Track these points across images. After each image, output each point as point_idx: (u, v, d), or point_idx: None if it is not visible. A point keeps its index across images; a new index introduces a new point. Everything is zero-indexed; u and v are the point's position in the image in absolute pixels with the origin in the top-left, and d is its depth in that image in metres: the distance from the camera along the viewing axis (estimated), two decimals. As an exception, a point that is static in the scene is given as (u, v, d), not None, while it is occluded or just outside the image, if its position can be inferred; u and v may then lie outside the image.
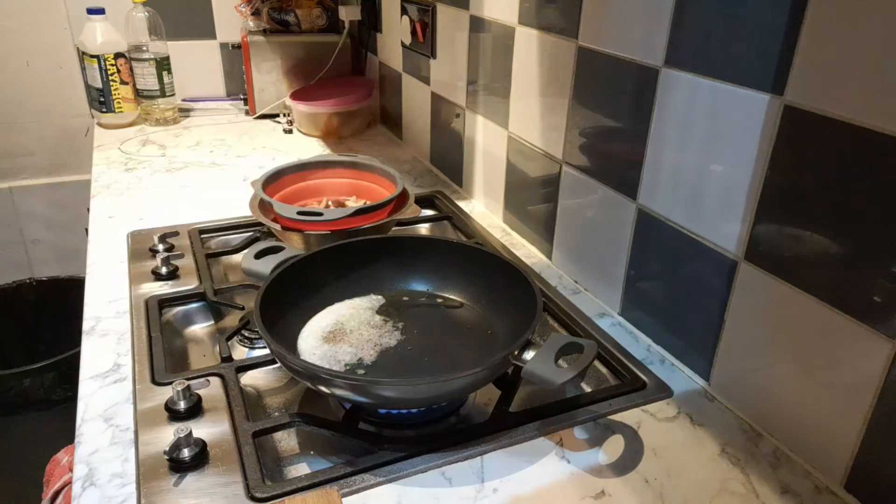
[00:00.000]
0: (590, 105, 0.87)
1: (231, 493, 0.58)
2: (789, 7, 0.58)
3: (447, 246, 0.88)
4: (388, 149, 1.54)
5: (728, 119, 0.66)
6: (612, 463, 0.64)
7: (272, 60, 1.62)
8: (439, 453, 0.64)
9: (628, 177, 0.82)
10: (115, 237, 1.05)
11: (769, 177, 0.63)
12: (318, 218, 0.92)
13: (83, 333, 0.81)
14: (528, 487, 0.61)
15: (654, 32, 0.73)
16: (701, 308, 0.74)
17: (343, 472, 0.61)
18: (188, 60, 1.72)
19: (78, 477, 0.61)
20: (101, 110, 1.57)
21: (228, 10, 1.69)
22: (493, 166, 1.14)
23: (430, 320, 0.80)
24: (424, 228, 1.14)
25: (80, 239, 1.21)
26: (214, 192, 1.24)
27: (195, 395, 0.69)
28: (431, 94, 1.35)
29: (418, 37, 1.34)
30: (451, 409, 0.73)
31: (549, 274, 0.99)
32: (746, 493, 0.61)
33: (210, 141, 1.52)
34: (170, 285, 0.91)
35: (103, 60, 1.52)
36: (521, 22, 0.98)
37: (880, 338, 0.55)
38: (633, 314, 0.86)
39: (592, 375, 0.79)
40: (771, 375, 0.67)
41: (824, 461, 0.63)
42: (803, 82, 0.58)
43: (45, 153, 1.73)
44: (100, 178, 1.29)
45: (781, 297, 0.64)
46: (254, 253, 0.82)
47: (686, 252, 0.75)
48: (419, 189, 1.26)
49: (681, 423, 0.70)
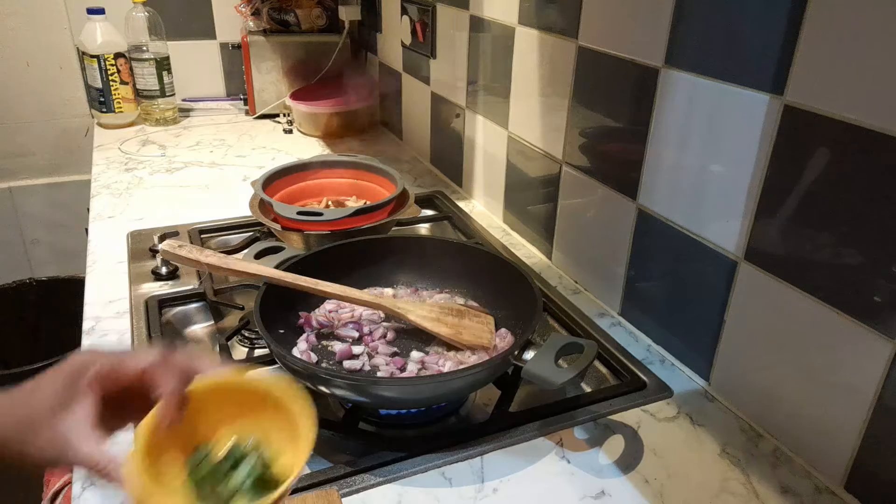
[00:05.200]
0: (590, 105, 0.87)
1: (231, 493, 0.58)
2: (789, 7, 0.58)
3: (447, 246, 0.88)
4: (388, 149, 1.54)
5: (728, 119, 0.66)
6: (612, 463, 0.64)
7: (272, 60, 1.62)
8: (439, 453, 0.64)
9: (628, 177, 0.81)
10: (115, 237, 1.05)
11: (769, 177, 0.63)
12: (318, 218, 0.92)
13: (83, 333, 0.81)
14: (528, 487, 0.61)
15: (654, 32, 0.73)
16: (701, 308, 0.74)
17: (343, 472, 0.61)
18: (188, 60, 1.72)
19: (78, 477, 0.61)
20: (101, 110, 1.57)
21: (228, 10, 1.68)
22: (493, 166, 1.14)
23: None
24: (424, 228, 1.14)
25: (80, 239, 1.21)
26: (214, 192, 1.24)
27: (195, 395, 0.69)
28: (431, 94, 1.35)
29: (418, 37, 1.34)
30: (451, 409, 0.73)
31: (549, 274, 0.99)
32: (746, 493, 0.61)
33: (210, 141, 1.52)
34: (170, 285, 0.91)
35: (103, 60, 1.52)
36: (521, 22, 0.98)
37: (880, 338, 0.55)
38: (633, 314, 0.86)
39: (592, 375, 0.79)
40: (771, 375, 0.67)
41: (824, 461, 0.63)
42: (803, 82, 0.58)
43: (45, 153, 1.73)
44: (100, 178, 1.29)
45: (781, 297, 0.64)
46: (254, 253, 0.82)
47: (686, 252, 0.75)
48: (419, 189, 1.26)
49: (681, 423, 0.70)
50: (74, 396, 0.44)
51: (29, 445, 0.44)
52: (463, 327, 0.74)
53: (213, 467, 0.47)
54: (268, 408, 0.49)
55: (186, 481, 0.46)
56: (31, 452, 0.44)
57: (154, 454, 0.45)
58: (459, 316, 0.75)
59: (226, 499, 0.46)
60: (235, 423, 0.50)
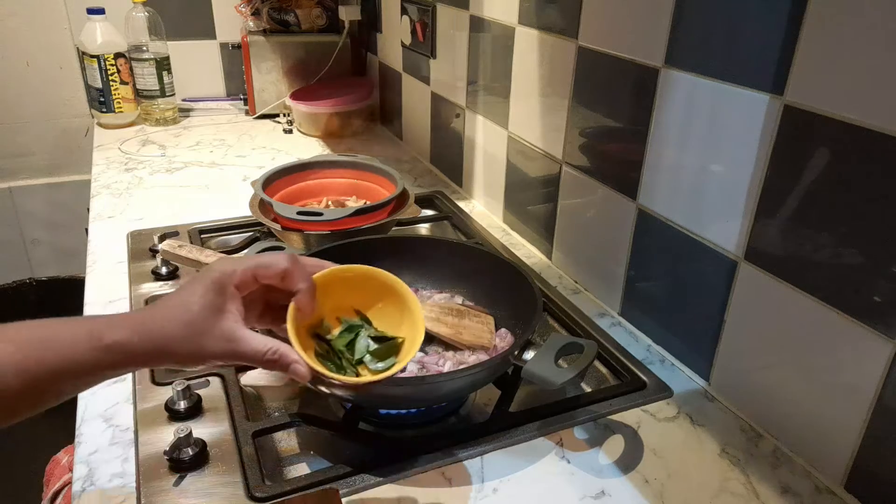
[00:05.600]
0: (590, 105, 0.87)
1: (231, 493, 0.58)
2: (789, 7, 0.58)
3: (447, 246, 0.88)
4: (388, 149, 1.54)
5: (728, 119, 0.66)
6: (612, 463, 0.64)
7: (272, 60, 1.62)
8: (439, 453, 0.64)
9: (628, 177, 0.81)
10: (115, 237, 1.05)
11: (769, 177, 0.63)
12: (318, 218, 0.92)
13: (83, 333, 0.81)
14: (528, 487, 0.61)
15: (654, 32, 0.73)
16: (701, 308, 0.74)
17: (343, 472, 0.61)
18: (188, 60, 1.72)
19: (78, 477, 0.61)
20: (101, 110, 1.57)
21: (228, 10, 1.68)
22: (493, 166, 1.14)
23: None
24: (424, 228, 1.14)
25: (80, 239, 1.21)
26: (214, 192, 1.24)
27: (195, 395, 0.69)
28: (431, 94, 1.35)
29: (418, 37, 1.34)
30: (451, 409, 0.73)
31: (549, 274, 0.99)
32: (746, 493, 0.61)
33: (210, 141, 1.52)
34: (170, 285, 0.91)
35: (103, 60, 1.52)
36: (521, 22, 0.98)
37: (880, 338, 0.55)
38: (633, 314, 0.86)
39: (592, 375, 0.79)
40: (771, 375, 0.67)
41: (824, 461, 0.63)
42: (803, 82, 0.58)
43: (45, 153, 1.73)
44: (100, 178, 1.29)
45: (781, 297, 0.64)
46: (254, 253, 0.82)
47: (686, 252, 0.75)
48: (419, 189, 1.26)
49: (681, 423, 0.70)
50: (226, 300, 0.51)
51: (197, 345, 0.49)
52: (463, 327, 0.74)
53: (340, 339, 0.57)
54: (375, 292, 0.59)
55: (317, 355, 0.55)
56: (201, 350, 0.49)
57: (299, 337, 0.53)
58: (459, 316, 0.75)
59: (354, 366, 0.56)
60: (345, 306, 0.59)
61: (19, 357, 0.45)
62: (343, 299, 0.59)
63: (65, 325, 0.49)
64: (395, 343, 0.58)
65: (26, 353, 0.46)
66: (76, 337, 0.47)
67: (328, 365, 0.55)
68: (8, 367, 0.45)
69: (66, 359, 0.46)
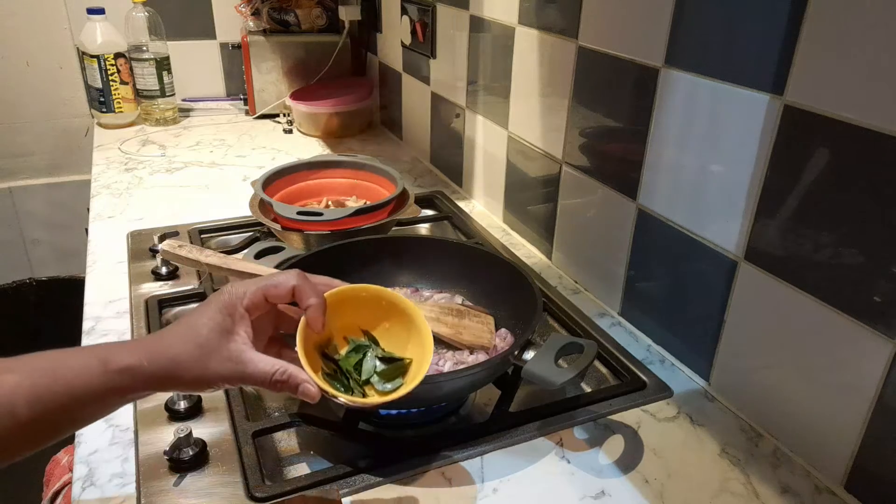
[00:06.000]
0: (590, 105, 0.87)
1: (231, 493, 0.58)
2: (789, 7, 0.58)
3: (447, 246, 0.88)
4: (388, 149, 1.54)
5: (728, 119, 0.66)
6: (612, 463, 0.64)
7: (272, 60, 1.62)
8: (439, 453, 0.64)
9: (628, 177, 0.81)
10: (115, 237, 1.05)
11: (769, 177, 0.63)
12: (318, 218, 0.92)
13: (83, 333, 0.81)
14: (528, 487, 0.61)
15: (654, 32, 0.73)
16: (701, 308, 0.74)
17: (343, 472, 0.61)
18: (188, 60, 1.72)
19: (78, 477, 0.61)
20: (101, 110, 1.57)
21: (228, 10, 1.68)
22: (493, 166, 1.14)
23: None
24: (424, 228, 1.14)
25: (80, 239, 1.21)
26: (214, 191, 1.24)
27: (195, 396, 0.69)
28: (431, 94, 1.35)
29: (418, 37, 1.34)
30: (451, 409, 0.73)
31: (549, 274, 0.99)
32: (746, 493, 0.61)
33: (210, 141, 1.52)
34: (170, 285, 0.91)
35: (103, 60, 1.52)
36: (521, 22, 0.98)
37: (880, 338, 0.55)
38: (633, 314, 0.86)
39: (592, 375, 0.79)
40: (771, 375, 0.67)
41: (824, 461, 0.63)
42: (803, 82, 0.58)
43: (45, 153, 1.73)
44: (100, 178, 1.29)
45: (781, 297, 0.64)
46: (254, 253, 0.82)
47: (686, 252, 0.75)
48: (419, 189, 1.26)
49: (681, 423, 0.70)
50: (235, 322, 0.52)
51: (204, 365, 0.50)
52: (463, 327, 0.74)
53: (347, 359, 0.57)
54: (382, 312, 0.59)
55: (325, 374, 0.55)
56: (211, 373, 0.50)
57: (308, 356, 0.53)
58: (459, 316, 0.75)
59: (361, 386, 0.56)
60: (352, 326, 0.59)
61: (28, 385, 0.45)
62: (351, 319, 0.59)
63: (73, 353, 0.49)
64: (402, 364, 0.58)
65: (35, 381, 0.46)
66: (85, 363, 0.47)
67: (336, 385, 0.55)
68: (18, 397, 0.45)
69: (76, 386, 0.47)
